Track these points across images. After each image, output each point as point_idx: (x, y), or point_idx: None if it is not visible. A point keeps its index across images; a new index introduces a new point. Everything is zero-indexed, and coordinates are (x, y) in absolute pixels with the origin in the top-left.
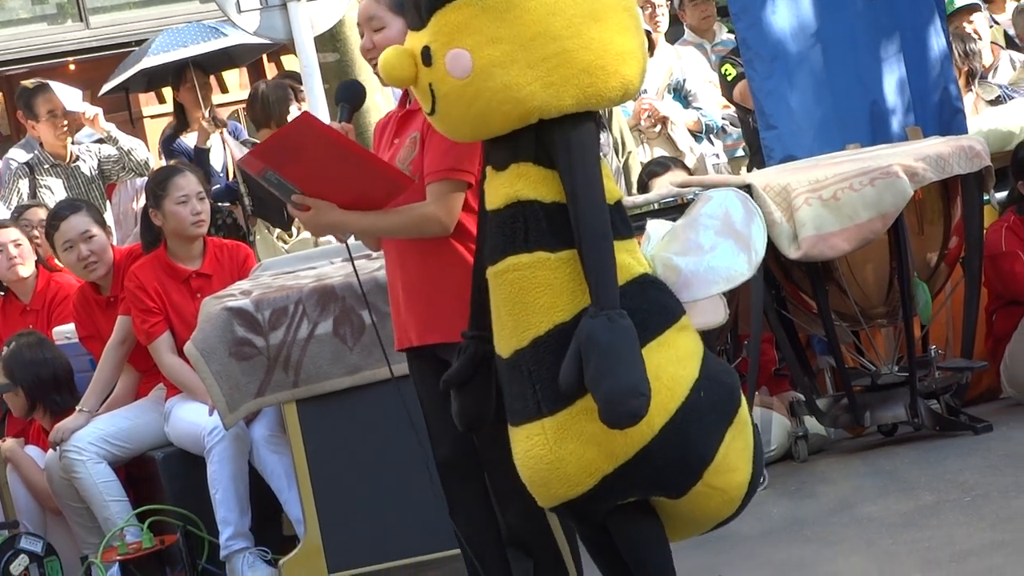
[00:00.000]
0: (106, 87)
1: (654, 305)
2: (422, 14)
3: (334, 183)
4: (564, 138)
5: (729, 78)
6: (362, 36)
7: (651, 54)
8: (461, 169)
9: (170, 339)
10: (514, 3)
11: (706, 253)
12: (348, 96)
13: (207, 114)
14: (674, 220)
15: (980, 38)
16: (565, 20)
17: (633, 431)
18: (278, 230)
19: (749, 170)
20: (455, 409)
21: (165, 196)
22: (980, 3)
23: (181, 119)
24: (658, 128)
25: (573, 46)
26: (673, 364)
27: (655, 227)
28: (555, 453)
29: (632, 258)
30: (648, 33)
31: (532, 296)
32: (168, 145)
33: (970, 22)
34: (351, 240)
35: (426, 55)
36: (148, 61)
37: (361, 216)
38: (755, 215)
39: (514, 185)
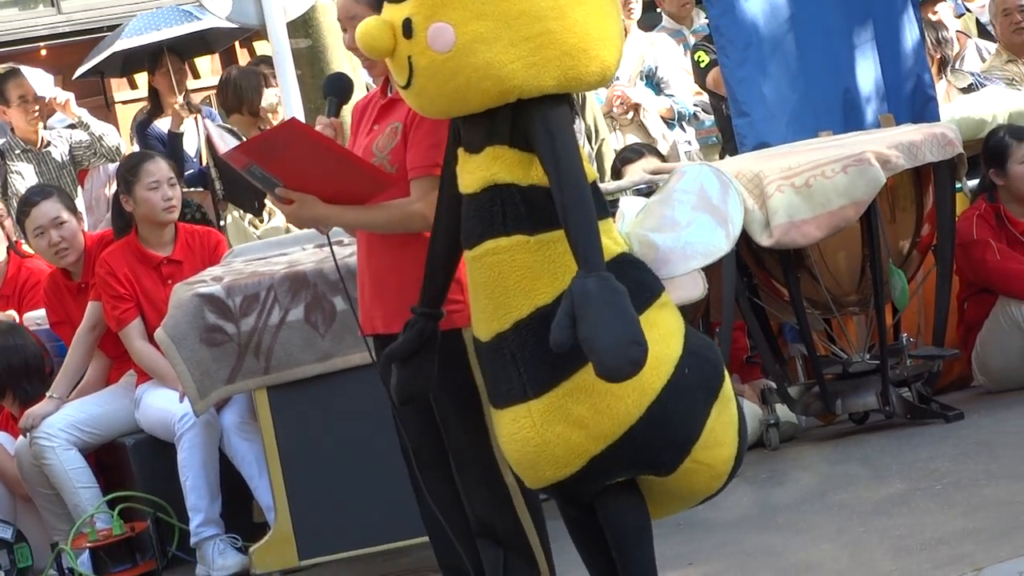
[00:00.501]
0: (80, 70)
1: (633, 284)
2: None
3: (318, 178)
4: (542, 117)
5: (702, 65)
6: (344, 31)
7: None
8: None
9: (141, 326)
10: None
11: (683, 228)
12: (336, 90)
13: (181, 99)
14: (647, 198)
15: (946, 28)
16: (550, 1)
17: (620, 411)
18: (249, 215)
19: (722, 157)
20: (394, 382)
21: (136, 182)
22: None
23: (155, 104)
24: (630, 115)
25: (557, 27)
26: (656, 343)
27: (628, 204)
28: (542, 436)
29: (609, 238)
30: None
31: (512, 279)
32: (142, 130)
33: (935, 12)
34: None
35: (407, 27)
36: (121, 44)
37: (345, 210)
38: (730, 188)
39: (490, 168)
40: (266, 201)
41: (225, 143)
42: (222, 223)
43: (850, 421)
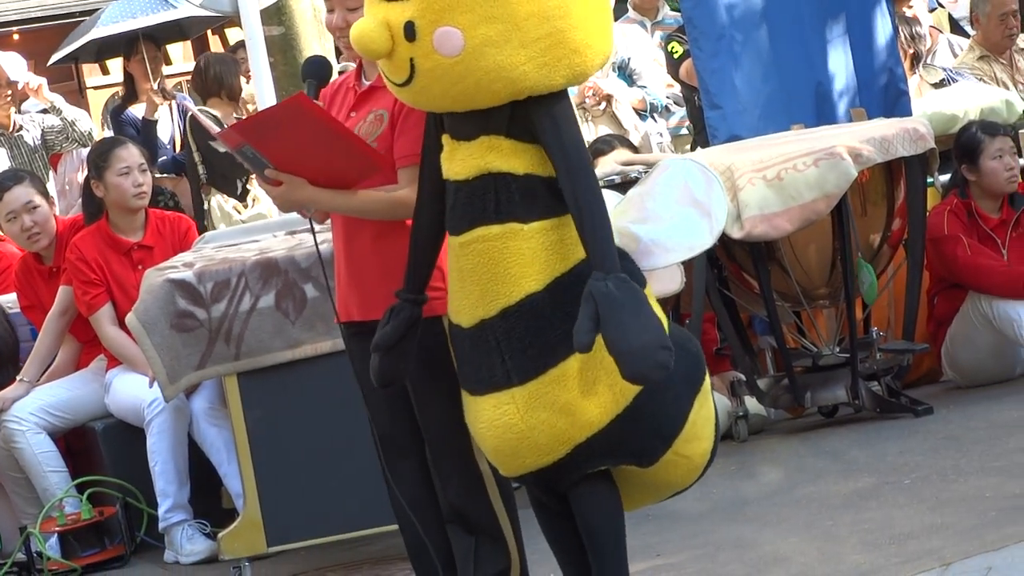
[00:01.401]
0: (55, 57)
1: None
2: None
3: (310, 160)
4: (548, 112)
5: (676, 56)
6: (330, 11)
7: None
8: None
9: (111, 311)
10: None
11: (666, 221)
12: (314, 72)
13: (156, 86)
14: (621, 194)
15: (919, 23)
16: (556, 0)
17: (607, 400)
18: (233, 201)
19: (693, 148)
20: (375, 367)
21: (107, 168)
22: None
23: (130, 90)
24: (603, 106)
25: (565, 26)
26: None
27: (606, 197)
28: (526, 422)
29: None
30: None
31: (503, 266)
32: (116, 116)
33: (909, 6)
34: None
35: (409, 30)
36: (97, 32)
37: (333, 194)
38: (714, 183)
39: (485, 157)
40: (249, 187)
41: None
42: (205, 207)
43: (819, 414)
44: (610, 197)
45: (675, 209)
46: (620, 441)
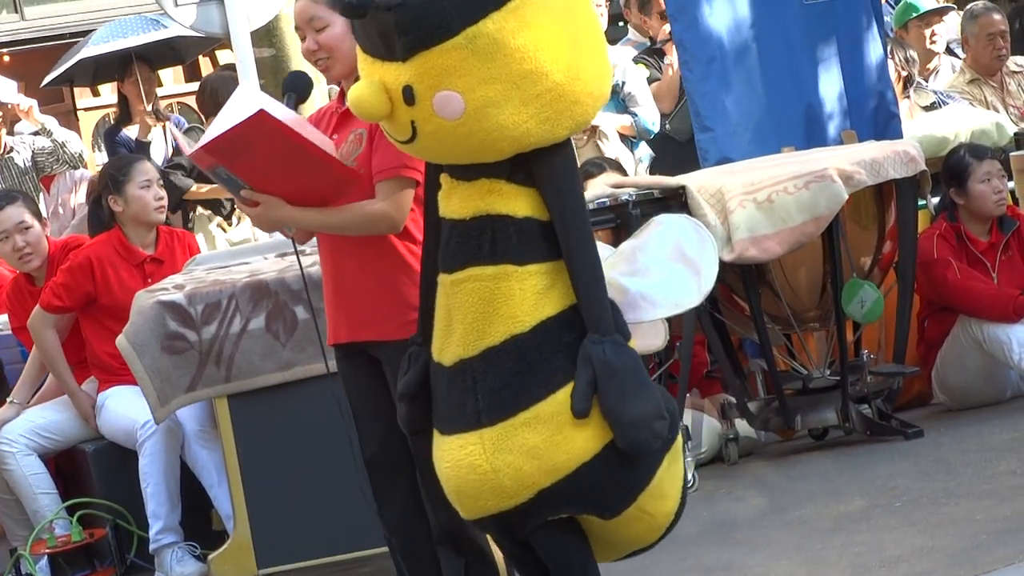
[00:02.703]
0: (48, 78)
1: None
2: (396, 50)
3: (284, 179)
4: (550, 162)
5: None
6: (303, 39)
7: None
8: (410, 167)
9: (59, 324)
10: (502, 43)
11: (655, 276)
12: (295, 86)
13: (149, 108)
14: (610, 224)
15: (934, 42)
16: (552, 53)
17: (576, 446)
18: (218, 219)
19: (650, 172)
20: (403, 415)
21: (127, 181)
22: (953, 6)
23: (124, 111)
24: (584, 137)
25: (563, 79)
26: None
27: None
28: (491, 464)
29: None
30: None
31: (492, 306)
32: (110, 137)
33: (942, 21)
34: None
35: (408, 94)
36: (88, 51)
37: (310, 212)
38: (707, 242)
39: (485, 199)
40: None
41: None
42: (189, 225)
43: (809, 437)
44: (602, 250)
45: (665, 265)
46: (585, 489)
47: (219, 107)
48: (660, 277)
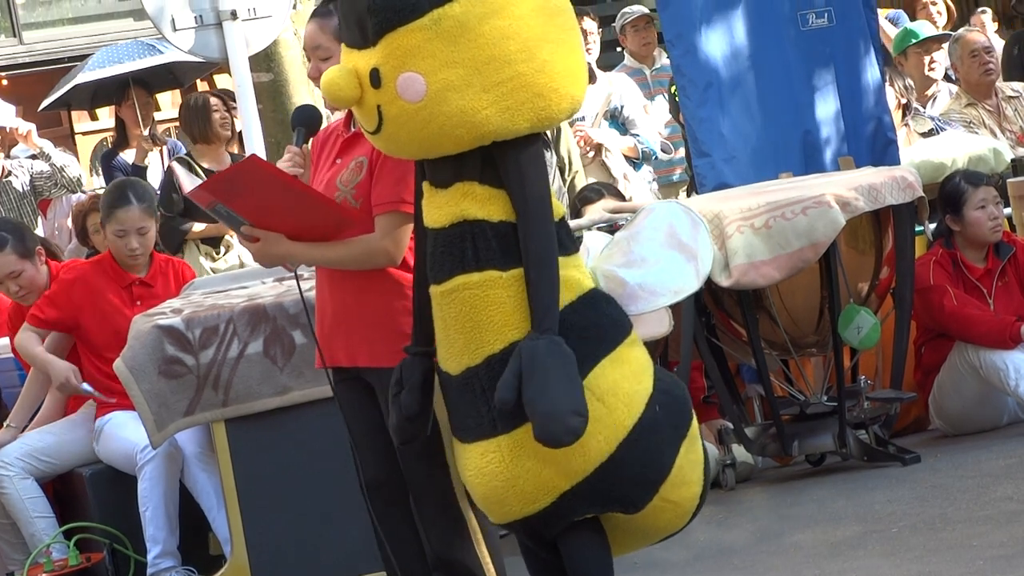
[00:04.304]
0: (46, 102)
1: (606, 319)
2: (368, 34)
3: (283, 216)
4: (516, 159)
5: (678, 98)
6: (308, 61)
7: (592, 81)
8: (408, 201)
9: (46, 340)
10: (468, 27)
11: (652, 265)
12: (304, 120)
13: (146, 132)
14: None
15: (933, 68)
16: (519, 43)
17: (591, 448)
18: (205, 248)
19: (689, 194)
20: (394, 424)
21: (108, 222)
22: (951, 33)
23: (121, 135)
24: (591, 154)
25: (527, 69)
26: (628, 380)
27: (593, 240)
28: (511, 471)
29: (580, 273)
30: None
31: (485, 314)
32: (107, 161)
33: (940, 48)
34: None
35: (374, 77)
36: (84, 76)
37: (310, 248)
38: (700, 226)
39: (459, 204)
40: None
41: (191, 182)
42: (179, 254)
43: (806, 463)
44: (598, 239)
45: (661, 253)
46: (606, 489)
47: (194, 135)
48: (657, 266)
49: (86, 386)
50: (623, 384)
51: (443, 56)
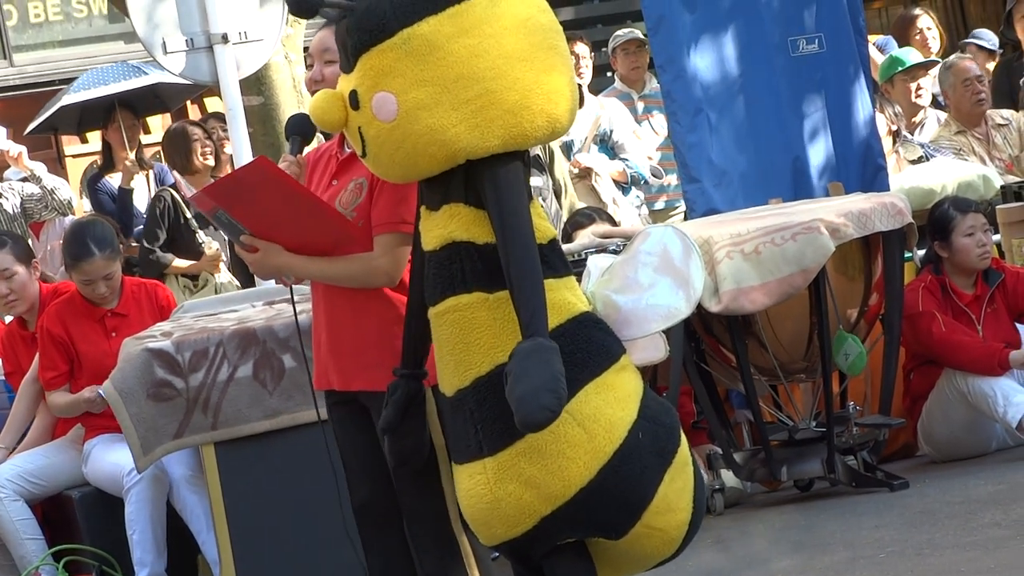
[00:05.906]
0: (32, 125)
1: (593, 345)
2: (349, 57)
3: (284, 226)
4: (492, 176)
5: None
6: (310, 67)
7: (580, 105)
8: (408, 221)
9: (66, 392)
10: (437, 45)
11: (645, 291)
12: (298, 129)
13: (133, 156)
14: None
15: (920, 95)
16: (489, 61)
17: (571, 473)
18: (184, 280)
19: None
20: (388, 448)
21: (72, 271)
22: (939, 60)
23: (107, 159)
24: (578, 176)
25: (497, 87)
26: (611, 406)
27: (595, 262)
28: (494, 493)
29: (572, 295)
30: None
31: (474, 336)
32: (93, 184)
33: (927, 75)
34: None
35: (353, 99)
36: (69, 99)
37: (308, 261)
38: (693, 251)
39: (447, 226)
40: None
41: (190, 190)
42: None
43: (795, 488)
44: (601, 261)
45: (653, 278)
46: (586, 514)
47: (175, 164)
48: (649, 291)
49: (101, 391)
50: (605, 410)
51: (413, 75)
